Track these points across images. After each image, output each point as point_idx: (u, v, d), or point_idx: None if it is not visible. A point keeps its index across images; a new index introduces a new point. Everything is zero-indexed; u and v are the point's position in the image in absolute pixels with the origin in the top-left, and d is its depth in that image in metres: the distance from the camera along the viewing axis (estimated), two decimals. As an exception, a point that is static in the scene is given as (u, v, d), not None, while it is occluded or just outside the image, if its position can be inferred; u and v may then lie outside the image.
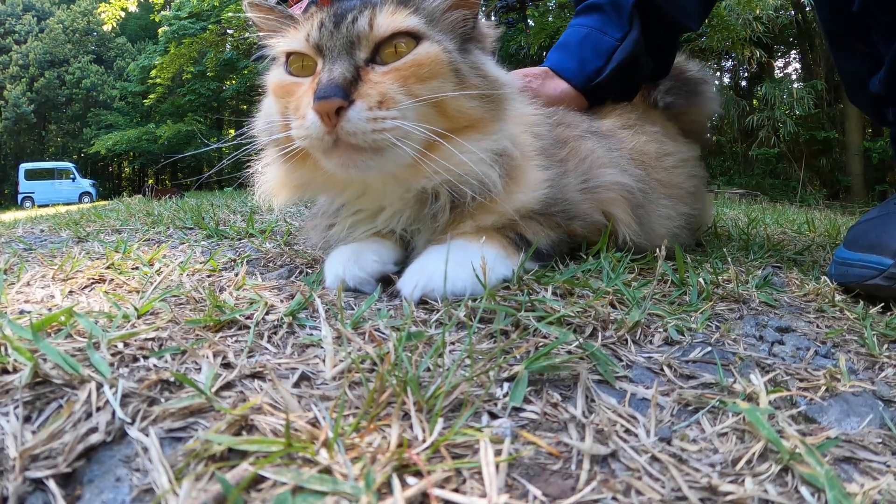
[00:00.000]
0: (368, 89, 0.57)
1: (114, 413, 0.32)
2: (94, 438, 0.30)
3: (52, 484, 0.27)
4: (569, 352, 0.44)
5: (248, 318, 0.51)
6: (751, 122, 11.18)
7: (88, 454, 0.30)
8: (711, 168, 13.18)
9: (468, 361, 0.37)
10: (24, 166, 19.99)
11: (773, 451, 0.35)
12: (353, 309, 0.55)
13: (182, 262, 0.82)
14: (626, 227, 0.84)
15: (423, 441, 0.27)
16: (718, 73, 14.26)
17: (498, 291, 0.58)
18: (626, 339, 0.54)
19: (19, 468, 0.27)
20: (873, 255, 0.82)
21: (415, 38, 0.63)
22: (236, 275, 0.75)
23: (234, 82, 20.24)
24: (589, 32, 1.10)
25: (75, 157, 24.07)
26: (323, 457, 0.25)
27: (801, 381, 0.51)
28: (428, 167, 0.60)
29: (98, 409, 0.33)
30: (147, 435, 0.30)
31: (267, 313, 0.52)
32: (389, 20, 0.62)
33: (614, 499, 0.26)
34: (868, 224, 0.89)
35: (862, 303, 0.79)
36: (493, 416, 0.33)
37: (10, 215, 6.18)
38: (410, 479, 0.24)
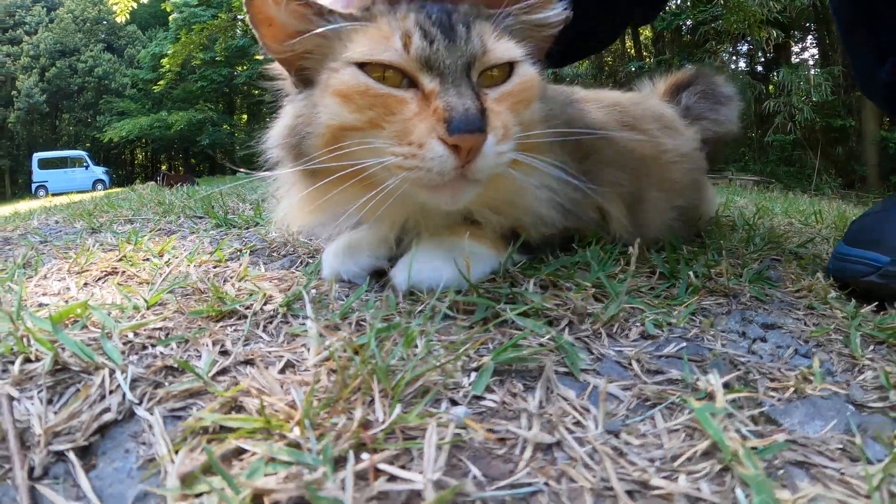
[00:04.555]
0: (494, 120, 0.54)
1: (124, 395, 0.37)
2: (107, 417, 0.34)
3: (71, 455, 0.31)
4: (541, 344, 0.47)
5: (247, 308, 0.55)
6: (767, 107, 11.04)
7: (102, 431, 0.34)
8: (726, 153, 13.03)
9: (442, 351, 0.41)
10: (37, 155, 20.17)
11: (719, 451, 0.36)
12: (343, 300, 0.59)
13: (190, 254, 0.86)
14: (619, 224, 0.86)
15: (383, 423, 0.31)
16: (735, 57, 14.06)
17: (483, 283, 0.61)
18: (601, 333, 0.56)
19: (44, 443, 0.32)
20: (870, 252, 0.82)
21: (510, 63, 0.60)
22: (241, 265, 0.79)
23: (245, 68, 20.28)
24: None
25: (88, 144, 24.28)
26: (295, 433, 0.29)
27: (773, 380, 0.52)
28: (499, 194, 0.61)
29: (111, 392, 0.37)
30: (152, 414, 0.35)
31: (265, 304, 0.57)
32: (502, 48, 0.58)
33: (546, 483, 0.29)
34: (868, 219, 0.88)
35: (854, 301, 0.78)
36: (455, 402, 0.36)
37: (24, 205, 6.28)
38: (365, 455, 0.28)
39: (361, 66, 0.54)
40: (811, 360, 0.58)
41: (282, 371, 0.38)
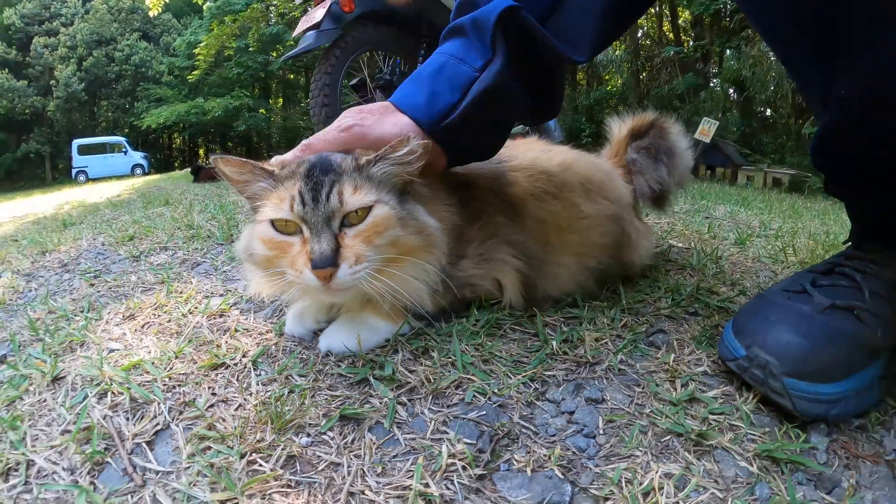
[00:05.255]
0: (347, 253, 0.81)
1: (165, 416, 0.80)
2: (158, 427, 0.77)
3: (144, 445, 0.74)
4: (383, 402, 0.80)
5: (232, 360, 0.97)
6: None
7: (157, 433, 0.77)
8: (763, 145, 12.94)
9: (323, 401, 0.82)
10: (76, 142, 21.13)
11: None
12: (291, 352, 0.99)
13: (205, 302, 1.27)
14: (512, 295, 1.04)
15: (267, 441, 0.72)
16: (774, 45, 13.82)
17: (376, 350, 0.95)
18: (431, 396, 0.80)
19: (131, 438, 0.75)
20: (735, 340, 0.84)
21: (373, 204, 0.85)
22: (237, 313, 1.21)
23: (278, 54, 20.82)
24: (446, 61, 0.95)
25: (127, 130, 25.19)
26: (231, 442, 0.71)
27: (527, 453, 0.70)
28: (382, 284, 0.85)
29: (159, 413, 0.80)
30: (177, 427, 0.77)
31: (243, 356, 0.98)
32: (355, 199, 0.83)
33: (321, 480, 0.66)
34: (753, 304, 0.90)
35: (694, 385, 0.85)
36: (308, 435, 0.74)
37: (66, 194, 6.84)
38: (254, 454, 0.70)
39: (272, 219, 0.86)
40: (591, 440, 0.73)
41: (236, 409, 0.80)
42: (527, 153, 1.22)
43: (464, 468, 0.67)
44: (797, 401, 0.74)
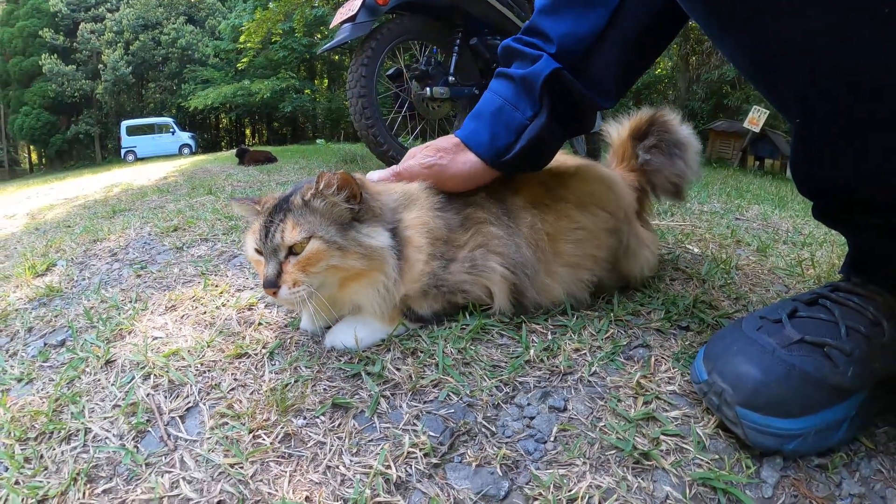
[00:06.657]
0: (286, 277, 1.00)
1: (195, 396, 1.00)
2: (190, 405, 0.98)
3: (177, 418, 0.95)
4: (370, 395, 0.97)
5: (254, 350, 1.17)
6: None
7: (188, 409, 0.98)
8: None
9: (321, 389, 1.02)
10: (125, 123, 22.04)
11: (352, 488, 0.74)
12: (302, 346, 1.19)
13: (236, 296, 1.48)
14: (501, 302, 1.13)
15: (270, 420, 0.91)
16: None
17: (372, 347, 1.12)
18: (410, 393, 0.91)
19: (167, 412, 0.96)
20: (702, 364, 0.85)
21: (308, 238, 1.01)
22: (265, 306, 1.41)
23: (323, 36, 21.15)
24: (503, 105, 1.14)
25: (174, 111, 26.00)
26: (243, 420, 0.90)
27: (479, 450, 0.79)
28: (342, 298, 1.09)
29: (191, 394, 1.01)
30: (205, 405, 0.98)
31: (262, 347, 1.18)
32: (291, 235, 1.00)
33: (306, 454, 0.88)
34: (726, 330, 0.90)
35: (657, 404, 0.87)
36: (304, 418, 0.92)
37: (115, 175, 7.21)
38: (258, 430, 0.89)
39: None
40: (542, 445, 0.79)
41: (251, 393, 1.00)
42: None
43: (423, 456, 0.78)
44: (748, 431, 0.75)
